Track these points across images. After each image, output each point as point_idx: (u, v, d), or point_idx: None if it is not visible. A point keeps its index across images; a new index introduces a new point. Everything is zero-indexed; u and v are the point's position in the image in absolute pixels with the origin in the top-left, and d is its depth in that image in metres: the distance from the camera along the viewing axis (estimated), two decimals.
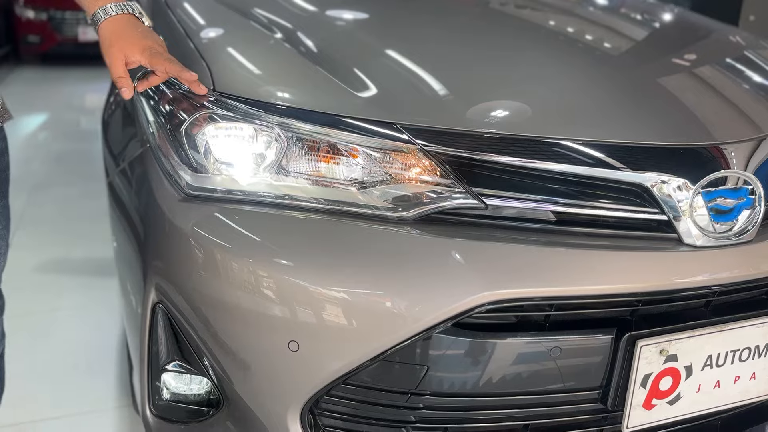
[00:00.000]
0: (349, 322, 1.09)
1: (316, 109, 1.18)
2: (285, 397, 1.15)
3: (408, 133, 1.15)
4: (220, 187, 1.18)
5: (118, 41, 1.19)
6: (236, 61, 1.29)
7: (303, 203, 1.17)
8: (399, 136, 1.15)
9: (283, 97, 1.20)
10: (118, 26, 1.20)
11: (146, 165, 1.28)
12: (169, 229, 1.18)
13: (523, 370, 1.16)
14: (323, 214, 1.16)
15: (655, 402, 1.20)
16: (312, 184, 1.17)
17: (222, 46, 1.36)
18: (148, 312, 1.25)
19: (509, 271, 1.09)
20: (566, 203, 1.16)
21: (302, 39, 1.41)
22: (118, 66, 1.19)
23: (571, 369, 1.17)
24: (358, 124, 1.17)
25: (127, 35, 1.20)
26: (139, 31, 1.21)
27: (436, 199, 1.15)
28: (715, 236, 1.17)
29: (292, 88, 1.24)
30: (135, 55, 1.19)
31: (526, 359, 1.15)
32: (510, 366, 1.15)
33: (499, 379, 1.16)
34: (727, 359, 1.23)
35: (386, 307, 1.08)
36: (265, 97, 1.20)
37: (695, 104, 1.31)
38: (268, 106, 1.18)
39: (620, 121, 1.22)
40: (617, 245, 1.15)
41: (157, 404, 1.31)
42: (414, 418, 1.18)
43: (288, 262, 1.11)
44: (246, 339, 1.14)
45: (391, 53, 1.36)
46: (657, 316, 1.19)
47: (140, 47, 1.19)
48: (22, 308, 2.37)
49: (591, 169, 1.15)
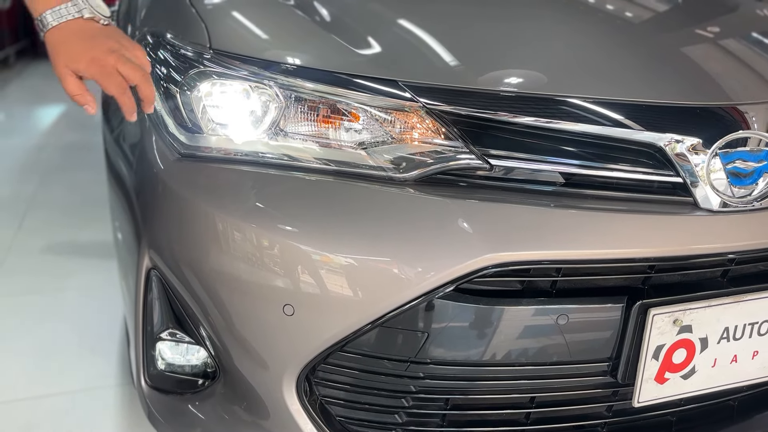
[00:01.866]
0: (346, 286, 1.04)
1: (315, 67, 1.14)
2: (280, 364, 1.11)
3: (411, 91, 1.11)
4: (216, 147, 1.14)
5: (60, 56, 1.02)
6: (234, 19, 1.25)
7: (302, 164, 1.12)
8: (402, 95, 1.11)
9: (282, 55, 1.16)
10: (60, 37, 1.03)
11: (141, 127, 1.24)
12: (163, 190, 1.15)
13: (529, 339, 1.11)
14: (322, 174, 1.11)
15: (668, 375, 1.14)
16: (311, 145, 1.13)
17: (221, 7, 1.32)
18: (142, 278, 1.22)
19: (514, 233, 1.04)
20: (575, 164, 1.10)
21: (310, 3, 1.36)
22: (70, 83, 1.02)
23: (580, 339, 1.12)
24: (360, 81, 1.12)
25: (69, 47, 1.02)
26: (86, 37, 1.03)
27: (439, 159, 1.10)
28: (734, 201, 1.11)
29: (291, 47, 1.20)
30: (80, 69, 1.02)
31: (532, 328, 1.10)
32: (514, 335, 1.10)
33: (502, 348, 1.10)
34: (745, 332, 1.16)
35: (385, 269, 1.04)
36: (263, 55, 1.15)
37: (715, 65, 1.25)
38: (265, 64, 1.14)
39: (633, 79, 1.16)
40: (629, 209, 1.09)
41: (151, 374, 1.28)
42: (414, 388, 1.14)
43: (284, 225, 1.07)
44: (240, 303, 1.10)
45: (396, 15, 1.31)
46: (671, 285, 1.13)
47: (86, 60, 1.01)
48: (29, 288, 2.36)
49: (602, 128, 1.09)
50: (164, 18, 1.38)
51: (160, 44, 1.26)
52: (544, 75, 1.15)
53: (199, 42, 1.19)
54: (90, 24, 1.05)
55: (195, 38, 1.20)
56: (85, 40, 1.03)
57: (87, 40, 1.03)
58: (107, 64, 1.02)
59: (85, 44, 1.02)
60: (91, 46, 1.02)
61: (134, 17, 1.56)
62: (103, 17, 1.06)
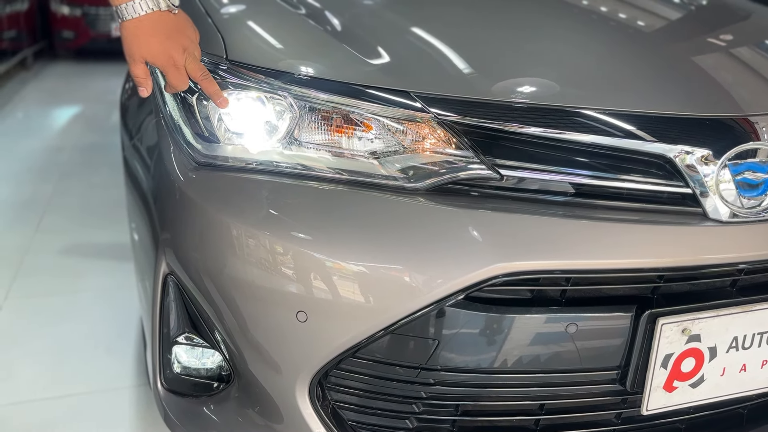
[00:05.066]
0: (358, 293, 1.06)
1: (328, 78, 1.16)
2: (293, 369, 1.13)
3: (422, 101, 1.12)
4: (232, 156, 1.17)
5: (137, 47, 1.09)
6: (251, 31, 1.28)
7: (315, 173, 1.14)
8: (413, 105, 1.13)
9: (296, 65, 1.18)
10: (137, 28, 1.08)
11: (158, 135, 1.27)
12: (180, 198, 1.17)
13: (538, 347, 1.12)
14: (336, 184, 1.13)
15: (677, 384, 1.15)
16: (325, 154, 1.15)
17: (238, 18, 1.34)
18: (159, 283, 1.24)
19: (525, 242, 1.06)
20: (585, 175, 1.11)
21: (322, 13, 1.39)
22: (140, 69, 1.11)
23: (589, 348, 1.13)
24: (373, 92, 1.14)
25: (147, 40, 1.09)
26: (162, 32, 1.09)
27: (450, 169, 1.12)
28: (743, 211, 1.12)
29: (305, 57, 1.22)
30: (155, 63, 1.11)
31: (541, 336, 1.11)
32: (524, 343, 1.11)
33: (512, 356, 1.12)
34: (755, 341, 1.17)
35: (397, 277, 1.06)
36: (278, 66, 1.18)
37: (725, 76, 1.26)
38: (280, 75, 1.16)
39: (644, 90, 1.18)
40: (639, 219, 1.10)
41: (167, 377, 1.31)
42: (425, 394, 1.16)
43: (298, 233, 1.09)
44: (254, 309, 1.12)
45: (407, 25, 1.33)
46: (680, 294, 1.14)
47: (163, 57, 1.10)
48: (45, 289, 2.40)
49: (612, 139, 1.11)
50: None
51: None
52: (555, 86, 1.16)
53: (215, 53, 1.21)
54: (164, 16, 1.10)
55: (212, 49, 1.22)
56: (162, 35, 1.10)
57: (163, 36, 1.10)
58: (179, 62, 1.11)
59: (161, 39, 1.09)
60: (166, 43, 1.10)
61: None
62: (174, 7, 1.12)
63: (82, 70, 7.10)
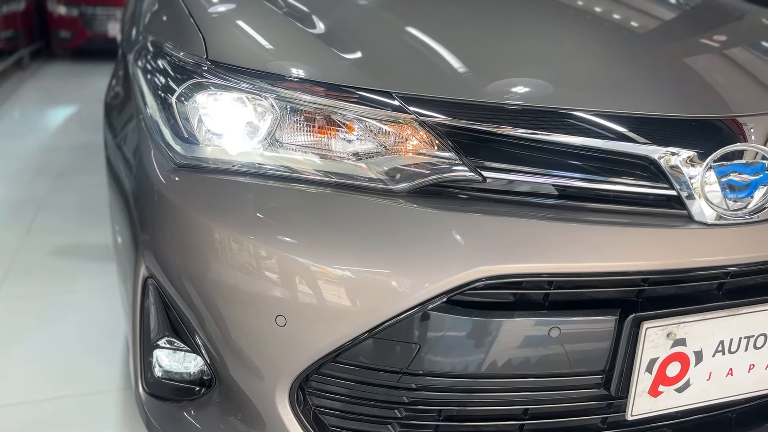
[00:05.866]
0: (338, 297, 1.05)
1: (310, 78, 1.14)
2: (273, 374, 1.11)
3: (404, 102, 1.11)
4: (212, 157, 1.15)
5: None
6: (231, 30, 1.26)
7: (297, 175, 1.13)
8: (395, 106, 1.11)
9: (278, 66, 1.17)
10: None
11: (139, 136, 1.25)
12: (158, 200, 1.16)
13: (521, 352, 1.11)
14: (317, 185, 1.12)
15: (662, 389, 1.14)
16: (306, 156, 1.13)
17: (220, 18, 1.33)
18: (139, 286, 1.23)
19: (507, 245, 1.04)
20: (569, 177, 1.10)
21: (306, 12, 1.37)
22: None
23: (573, 352, 1.12)
24: (354, 93, 1.13)
25: None
26: None
27: (432, 170, 1.10)
28: (729, 213, 1.11)
29: (287, 58, 1.21)
30: None
31: (524, 340, 1.10)
32: (507, 347, 1.10)
33: (495, 360, 1.10)
34: (741, 346, 1.16)
35: (377, 281, 1.04)
36: (259, 66, 1.16)
37: (713, 77, 1.24)
38: (261, 75, 1.15)
39: (629, 91, 1.16)
40: (623, 221, 1.09)
41: (149, 381, 1.29)
42: (407, 399, 1.14)
43: (278, 236, 1.07)
44: (233, 313, 1.11)
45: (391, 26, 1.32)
46: (665, 298, 1.12)
47: None
48: (36, 290, 2.39)
49: (595, 140, 1.09)
50: (165, 26, 1.39)
51: (159, 54, 1.27)
52: (538, 87, 1.15)
53: (196, 53, 1.20)
54: None
55: (192, 49, 1.21)
56: None
57: None
58: None
59: None
60: None
61: (138, 22, 1.58)
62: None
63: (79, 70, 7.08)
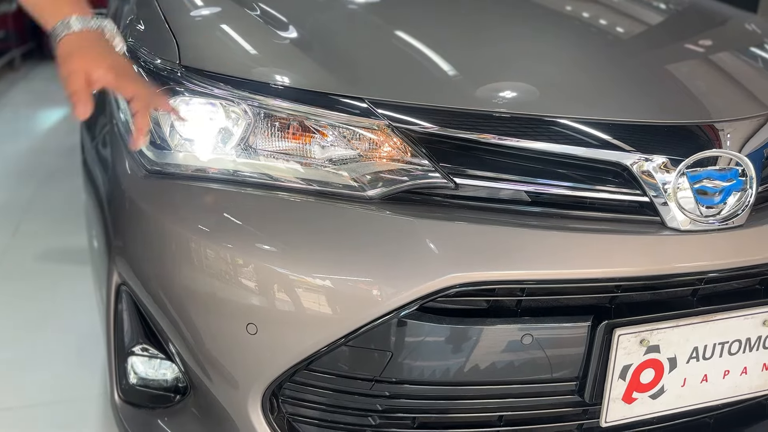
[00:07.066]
0: (308, 305, 1.04)
1: (284, 84, 1.14)
2: (246, 382, 1.11)
3: (377, 108, 1.10)
4: (183, 163, 1.14)
5: (80, 56, 1.02)
6: (205, 36, 1.26)
7: (269, 181, 1.12)
8: (368, 111, 1.10)
9: (251, 72, 1.16)
10: (81, 42, 1.03)
11: (112, 141, 1.25)
12: (129, 206, 1.15)
13: (495, 358, 1.10)
14: (290, 192, 1.11)
15: (636, 395, 1.13)
16: (279, 162, 1.13)
17: (194, 23, 1.32)
18: (113, 293, 1.22)
19: (479, 252, 1.04)
20: (541, 183, 1.10)
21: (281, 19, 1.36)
22: (76, 80, 1.00)
23: (546, 358, 1.11)
24: (327, 99, 1.12)
25: (91, 51, 1.03)
26: (106, 48, 1.06)
27: (406, 177, 1.10)
28: (701, 220, 1.10)
29: (261, 64, 1.20)
30: (99, 70, 1.01)
31: (498, 347, 1.09)
32: (480, 354, 1.09)
33: (468, 367, 1.10)
34: (715, 352, 1.15)
35: (349, 288, 1.04)
36: (232, 72, 1.15)
37: (690, 83, 1.24)
38: (234, 81, 1.14)
39: (604, 98, 1.16)
40: (595, 228, 1.08)
41: (124, 389, 1.29)
42: (380, 407, 1.13)
43: (247, 242, 1.07)
44: (204, 320, 1.10)
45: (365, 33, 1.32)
46: (638, 304, 1.12)
47: (107, 63, 1.03)
48: (21, 294, 2.38)
49: (568, 147, 1.09)
50: (141, 31, 1.38)
51: (133, 59, 1.26)
52: (512, 94, 1.14)
53: (169, 58, 1.19)
54: (108, 42, 1.08)
55: (166, 54, 1.20)
56: (105, 49, 1.06)
57: (107, 50, 1.06)
58: (127, 71, 1.07)
59: (105, 52, 1.05)
60: (111, 55, 1.06)
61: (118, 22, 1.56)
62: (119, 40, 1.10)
63: None
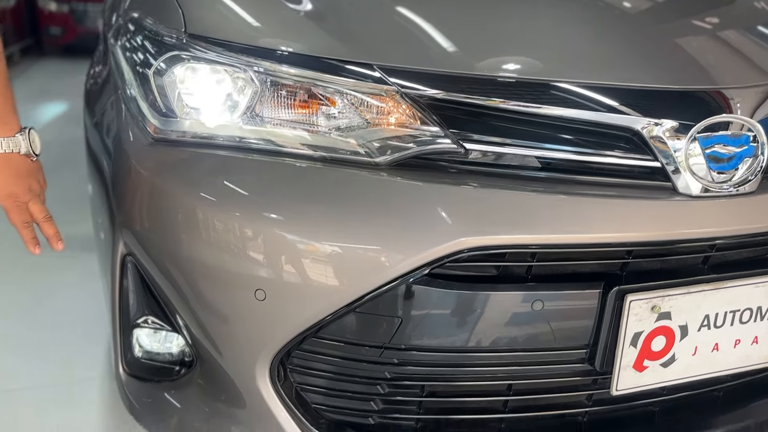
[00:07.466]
0: (317, 270, 1.03)
1: (291, 51, 1.13)
2: (254, 350, 1.10)
3: (386, 74, 1.09)
4: (189, 131, 1.13)
5: None
6: (210, 4, 1.24)
7: (276, 148, 1.11)
8: (377, 77, 1.09)
9: (257, 39, 1.15)
10: None
11: (116, 112, 1.24)
12: (134, 174, 1.14)
13: (504, 325, 1.09)
14: (297, 159, 1.10)
15: (647, 363, 1.12)
16: (287, 129, 1.12)
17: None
18: (118, 264, 1.21)
19: (489, 217, 1.03)
20: (552, 149, 1.08)
21: None
22: None
23: (557, 326, 1.10)
24: (335, 65, 1.11)
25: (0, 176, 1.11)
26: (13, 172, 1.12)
27: (414, 143, 1.09)
28: (713, 186, 1.09)
29: (267, 31, 1.19)
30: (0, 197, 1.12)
31: (507, 314, 1.08)
32: (489, 321, 1.08)
33: (478, 334, 1.09)
34: (726, 320, 1.15)
35: (359, 253, 1.03)
36: (238, 40, 1.14)
37: (701, 50, 1.23)
38: (240, 48, 1.13)
39: (613, 63, 1.15)
40: (607, 194, 1.07)
41: (129, 362, 1.28)
42: (389, 375, 1.12)
43: (255, 209, 1.06)
44: (211, 288, 1.09)
45: None
46: (650, 271, 1.11)
47: (4, 193, 1.12)
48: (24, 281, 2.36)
49: (579, 112, 1.08)
50: (145, 4, 1.37)
51: (139, 30, 1.26)
52: (522, 58, 1.13)
53: (174, 27, 1.18)
54: (21, 159, 1.12)
55: (171, 23, 1.19)
56: (11, 175, 1.12)
57: (12, 176, 1.12)
58: (20, 202, 1.14)
59: (8, 179, 1.12)
60: (14, 183, 1.12)
61: (119, 6, 1.56)
62: (34, 155, 1.14)
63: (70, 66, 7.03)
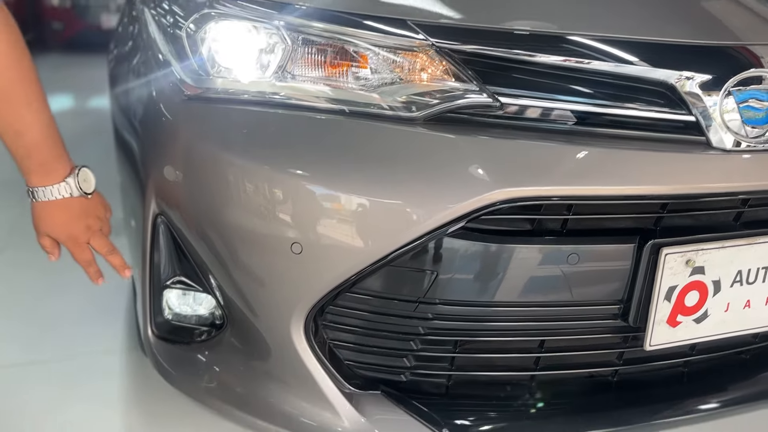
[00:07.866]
0: (354, 224, 1.03)
1: (323, 7, 1.13)
2: (288, 305, 1.10)
3: (421, 30, 1.09)
4: (221, 88, 1.13)
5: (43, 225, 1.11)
6: None
7: (310, 104, 1.11)
8: (411, 34, 1.09)
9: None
10: (46, 210, 1.10)
11: (147, 71, 1.23)
12: (168, 133, 1.14)
13: (538, 280, 1.10)
14: (330, 114, 1.10)
15: (681, 318, 1.13)
16: (319, 86, 1.12)
17: None
18: (149, 224, 1.21)
19: (524, 168, 1.03)
20: (587, 103, 1.09)
21: None
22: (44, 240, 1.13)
23: (591, 281, 1.11)
24: (369, 22, 1.11)
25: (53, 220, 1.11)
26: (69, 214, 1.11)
27: (448, 98, 1.09)
28: (747, 140, 1.10)
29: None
30: (58, 239, 1.13)
31: (541, 269, 1.08)
32: (523, 275, 1.09)
33: (511, 289, 1.09)
34: (759, 276, 1.15)
35: (393, 207, 1.03)
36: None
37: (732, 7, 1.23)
38: (272, 5, 1.13)
39: (647, 18, 1.15)
40: (642, 147, 1.08)
41: (158, 324, 1.27)
42: (423, 330, 1.13)
43: (292, 164, 1.06)
44: (248, 244, 1.09)
45: None
46: (682, 227, 1.11)
47: (64, 235, 1.12)
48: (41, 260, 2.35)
49: (613, 65, 1.08)
50: None
51: None
52: (556, 13, 1.13)
53: None
54: (74, 201, 1.11)
55: None
56: (67, 216, 1.11)
57: (68, 217, 1.11)
58: (80, 241, 1.13)
59: (65, 220, 1.11)
60: (70, 225, 1.12)
61: None
62: (86, 194, 1.12)
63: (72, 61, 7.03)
